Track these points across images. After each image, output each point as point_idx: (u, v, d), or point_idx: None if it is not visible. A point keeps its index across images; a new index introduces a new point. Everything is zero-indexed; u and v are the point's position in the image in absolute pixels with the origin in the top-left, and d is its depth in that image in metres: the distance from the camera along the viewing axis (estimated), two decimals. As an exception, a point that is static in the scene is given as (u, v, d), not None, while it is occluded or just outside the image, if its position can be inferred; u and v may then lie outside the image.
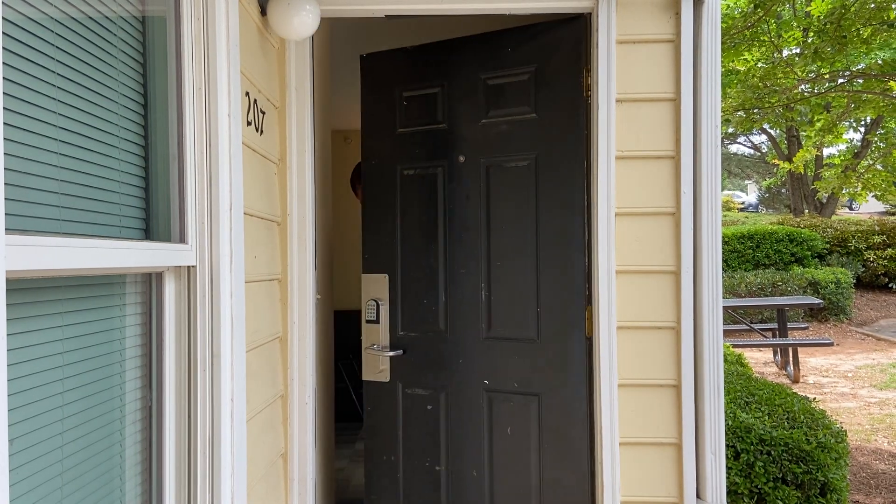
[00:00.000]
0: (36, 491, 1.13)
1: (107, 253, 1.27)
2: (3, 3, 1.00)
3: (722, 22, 3.43)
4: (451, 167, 2.75)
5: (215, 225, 1.71)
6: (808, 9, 8.10)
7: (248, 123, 2.02)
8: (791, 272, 10.80)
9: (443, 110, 2.78)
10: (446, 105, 2.77)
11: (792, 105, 10.60)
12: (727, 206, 23.03)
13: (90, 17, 1.31)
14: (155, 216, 1.57)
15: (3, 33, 1.01)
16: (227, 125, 1.75)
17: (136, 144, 1.50)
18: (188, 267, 1.65)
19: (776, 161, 16.67)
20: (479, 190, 2.69)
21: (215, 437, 1.67)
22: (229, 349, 1.72)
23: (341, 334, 3.41)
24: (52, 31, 1.17)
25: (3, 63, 1.02)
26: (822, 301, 8.87)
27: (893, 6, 6.64)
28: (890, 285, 11.86)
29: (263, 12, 2.18)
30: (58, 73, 1.19)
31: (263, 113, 2.20)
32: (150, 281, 1.57)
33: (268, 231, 2.27)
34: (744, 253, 11.68)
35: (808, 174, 16.10)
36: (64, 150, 1.21)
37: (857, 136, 17.01)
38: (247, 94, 1.99)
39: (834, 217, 15.27)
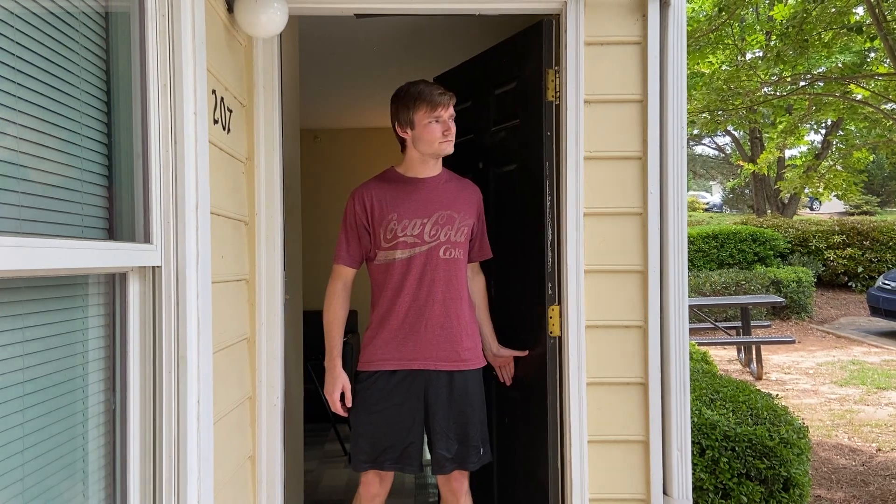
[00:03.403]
0: (-5, 498, 1.10)
1: (68, 253, 1.24)
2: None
3: (687, 25, 3.48)
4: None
5: (181, 225, 1.68)
6: (771, 13, 8.26)
7: (215, 122, 1.99)
8: (754, 271, 11.00)
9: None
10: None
11: (755, 107, 10.81)
12: (692, 207, 23.40)
13: (51, 13, 1.28)
14: (119, 215, 1.54)
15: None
16: (193, 123, 1.72)
17: (100, 143, 1.47)
18: (153, 267, 1.62)
19: (740, 162, 16.99)
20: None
21: (181, 440, 1.64)
22: (196, 351, 1.69)
23: (311, 335, 3.37)
24: (12, 27, 1.14)
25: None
26: (784, 300, 9.04)
27: (853, 11, 6.80)
28: (849, 284, 12.16)
29: (230, 9, 2.15)
30: (18, 70, 1.15)
31: (230, 111, 2.17)
32: (114, 282, 1.54)
33: (235, 231, 2.24)
34: (708, 252, 11.87)
35: (771, 175, 16.42)
36: (24, 148, 1.18)
37: (818, 138, 17.39)
38: (213, 91, 1.96)
39: (795, 217, 15.58)
